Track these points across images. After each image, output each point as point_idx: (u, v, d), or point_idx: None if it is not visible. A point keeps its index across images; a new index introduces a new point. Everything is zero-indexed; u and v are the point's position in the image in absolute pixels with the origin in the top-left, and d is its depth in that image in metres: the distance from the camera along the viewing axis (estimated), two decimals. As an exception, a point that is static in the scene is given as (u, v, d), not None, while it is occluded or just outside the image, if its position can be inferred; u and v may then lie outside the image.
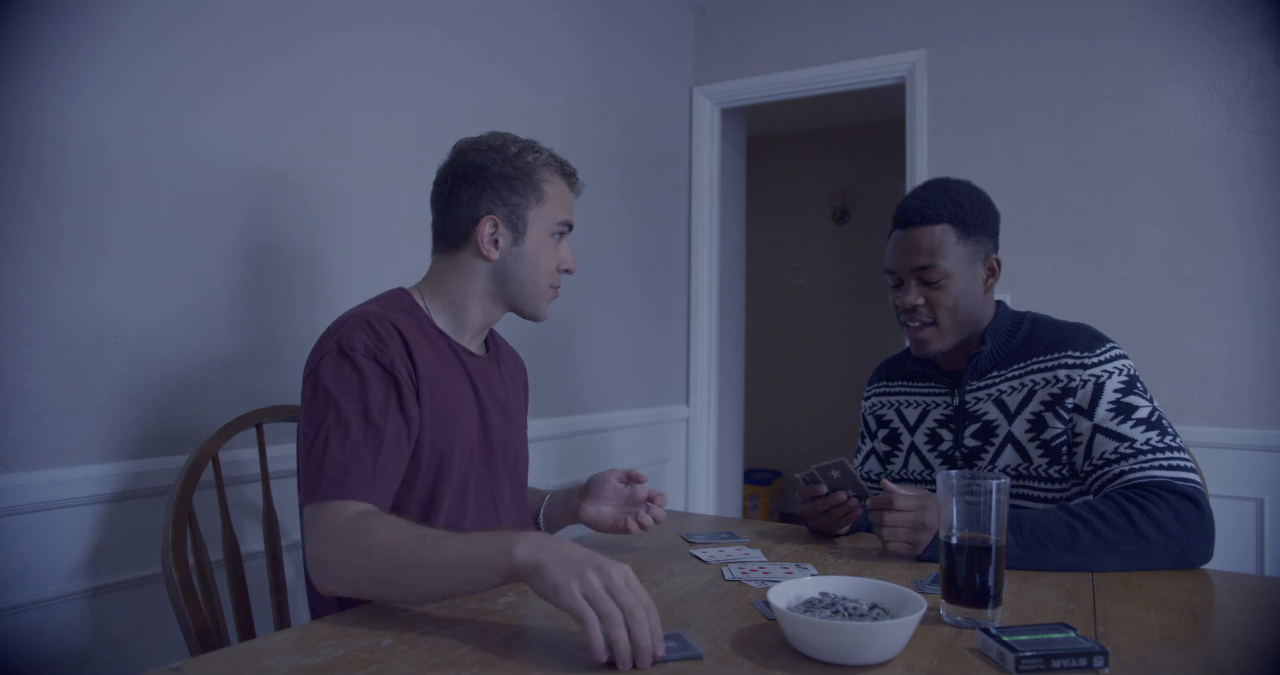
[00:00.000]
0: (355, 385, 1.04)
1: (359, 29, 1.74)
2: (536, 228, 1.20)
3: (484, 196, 1.18)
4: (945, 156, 2.60)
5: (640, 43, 2.79)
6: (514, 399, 1.33)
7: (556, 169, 1.23)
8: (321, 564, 0.94)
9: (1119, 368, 1.26)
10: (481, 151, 1.20)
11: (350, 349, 1.05)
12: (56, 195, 1.25)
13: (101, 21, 1.29)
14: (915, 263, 1.32)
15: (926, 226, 1.32)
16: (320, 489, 0.97)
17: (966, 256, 1.32)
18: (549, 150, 1.24)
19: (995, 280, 1.37)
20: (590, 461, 2.51)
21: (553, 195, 1.21)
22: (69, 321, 1.26)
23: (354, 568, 0.92)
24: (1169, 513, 1.12)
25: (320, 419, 1.02)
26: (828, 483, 1.28)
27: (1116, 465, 1.21)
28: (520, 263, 1.20)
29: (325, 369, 1.05)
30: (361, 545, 0.91)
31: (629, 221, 2.73)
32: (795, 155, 5.04)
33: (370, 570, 0.90)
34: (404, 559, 0.88)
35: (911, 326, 1.35)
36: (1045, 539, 1.12)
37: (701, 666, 0.78)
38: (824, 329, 4.92)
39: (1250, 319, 2.16)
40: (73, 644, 1.26)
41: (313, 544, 0.95)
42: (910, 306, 1.33)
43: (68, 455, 1.26)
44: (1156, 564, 1.13)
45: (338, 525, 0.94)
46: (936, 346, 1.35)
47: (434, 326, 1.19)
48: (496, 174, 1.18)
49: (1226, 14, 2.20)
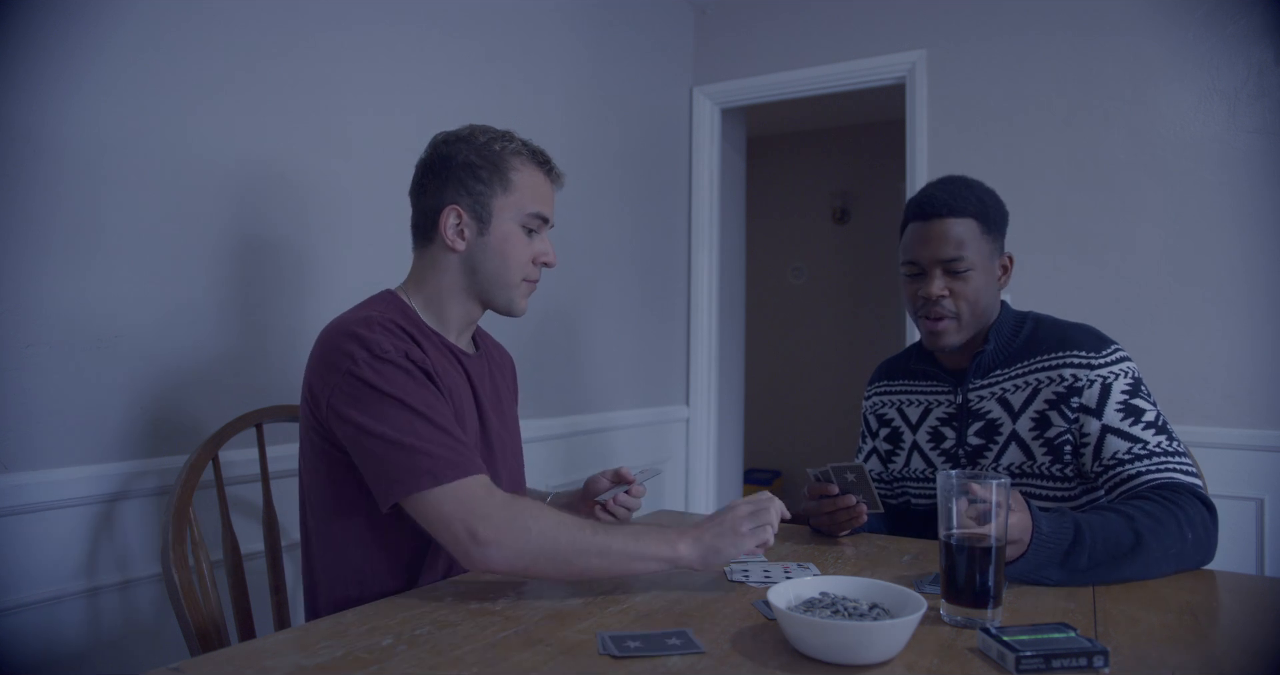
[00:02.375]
0: (408, 383, 1.04)
1: (359, 29, 1.74)
2: (503, 218, 1.17)
3: (449, 186, 1.17)
4: (945, 156, 2.60)
5: (640, 43, 2.79)
6: (505, 396, 1.33)
7: (528, 158, 1.19)
8: (495, 544, 0.96)
9: (1125, 369, 1.27)
10: (451, 143, 1.19)
11: (383, 351, 1.05)
12: (56, 195, 1.25)
13: (101, 22, 1.29)
14: (943, 253, 1.30)
15: (954, 218, 1.30)
16: (442, 473, 0.98)
17: (987, 252, 1.33)
18: (523, 140, 1.20)
19: (1008, 278, 1.38)
20: (590, 461, 2.51)
21: (522, 184, 1.18)
22: (69, 321, 1.26)
23: (530, 549, 0.97)
24: (1197, 515, 1.12)
25: (394, 416, 1.01)
26: (840, 484, 1.27)
27: (1131, 465, 1.21)
28: (486, 254, 1.17)
29: (368, 374, 1.03)
30: (536, 528, 0.97)
31: (629, 221, 2.73)
32: (795, 155, 5.04)
33: (547, 551, 0.97)
34: (582, 544, 0.97)
35: (931, 318, 1.33)
36: (1115, 550, 1.06)
37: (701, 666, 0.78)
38: (824, 329, 4.92)
39: (1250, 319, 2.16)
40: (73, 644, 1.26)
41: (478, 525, 0.96)
42: (935, 297, 1.31)
43: (68, 455, 1.26)
44: (1185, 565, 1.12)
45: (495, 503, 0.98)
46: (952, 340, 1.33)
47: (426, 326, 1.19)
48: (462, 163, 1.16)
49: (1226, 14, 2.20)
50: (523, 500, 1.01)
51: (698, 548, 1.00)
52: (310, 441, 1.12)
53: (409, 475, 0.98)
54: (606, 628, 0.88)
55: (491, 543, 0.96)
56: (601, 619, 0.91)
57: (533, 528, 0.97)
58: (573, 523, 1.00)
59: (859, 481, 1.26)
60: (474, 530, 0.96)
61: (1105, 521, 1.07)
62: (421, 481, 0.98)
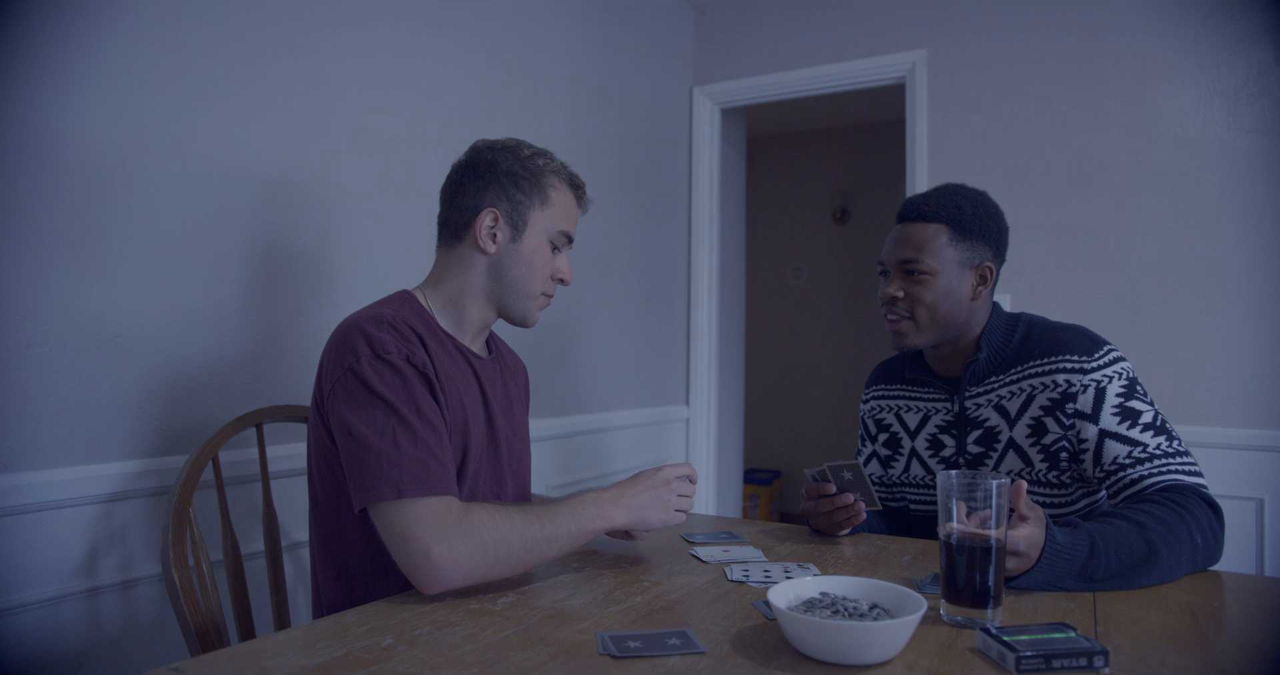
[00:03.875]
0: (402, 387, 1.04)
1: (360, 29, 1.74)
2: (535, 229, 1.21)
3: (490, 190, 1.20)
4: (945, 156, 2.60)
5: (640, 43, 2.79)
6: (516, 401, 1.33)
7: (565, 180, 1.25)
8: (452, 563, 0.96)
9: (1119, 371, 1.26)
10: (496, 150, 1.23)
11: (385, 352, 1.05)
12: (57, 196, 1.25)
13: (102, 22, 1.29)
14: (901, 255, 1.35)
15: (921, 223, 1.35)
16: (407, 487, 0.98)
17: (955, 259, 1.33)
18: (562, 163, 1.26)
19: (986, 288, 1.35)
20: (590, 461, 2.51)
21: (557, 202, 1.23)
22: (69, 321, 1.26)
23: (486, 560, 0.98)
24: (1205, 517, 1.12)
25: (380, 421, 1.02)
26: (838, 483, 1.28)
27: (1133, 469, 1.20)
28: (515, 260, 1.21)
29: (367, 374, 1.04)
30: (490, 537, 0.98)
31: (629, 221, 2.74)
32: (795, 155, 5.04)
33: (502, 557, 0.99)
34: (532, 541, 1.01)
35: (890, 318, 1.38)
36: (1129, 561, 1.05)
37: (702, 666, 0.78)
38: (824, 329, 4.92)
39: (1250, 319, 2.16)
40: (73, 644, 1.26)
41: (433, 544, 0.95)
42: (889, 298, 1.36)
43: (68, 455, 1.26)
44: (1194, 569, 1.11)
45: (452, 522, 0.97)
46: (912, 341, 1.36)
47: (440, 328, 1.19)
48: (505, 171, 1.20)
49: (1226, 14, 2.20)
50: (476, 511, 1.00)
51: (629, 514, 1.10)
52: (317, 434, 1.13)
53: (376, 483, 0.98)
54: (606, 628, 0.88)
55: (448, 564, 0.95)
56: (601, 619, 0.91)
57: (487, 539, 0.98)
58: (520, 519, 1.01)
59: (856, 480, 1.26)
60: (429, 551, 0.95)
61: (1117, 532, 1.05)
62: (385, 492, 0.98)
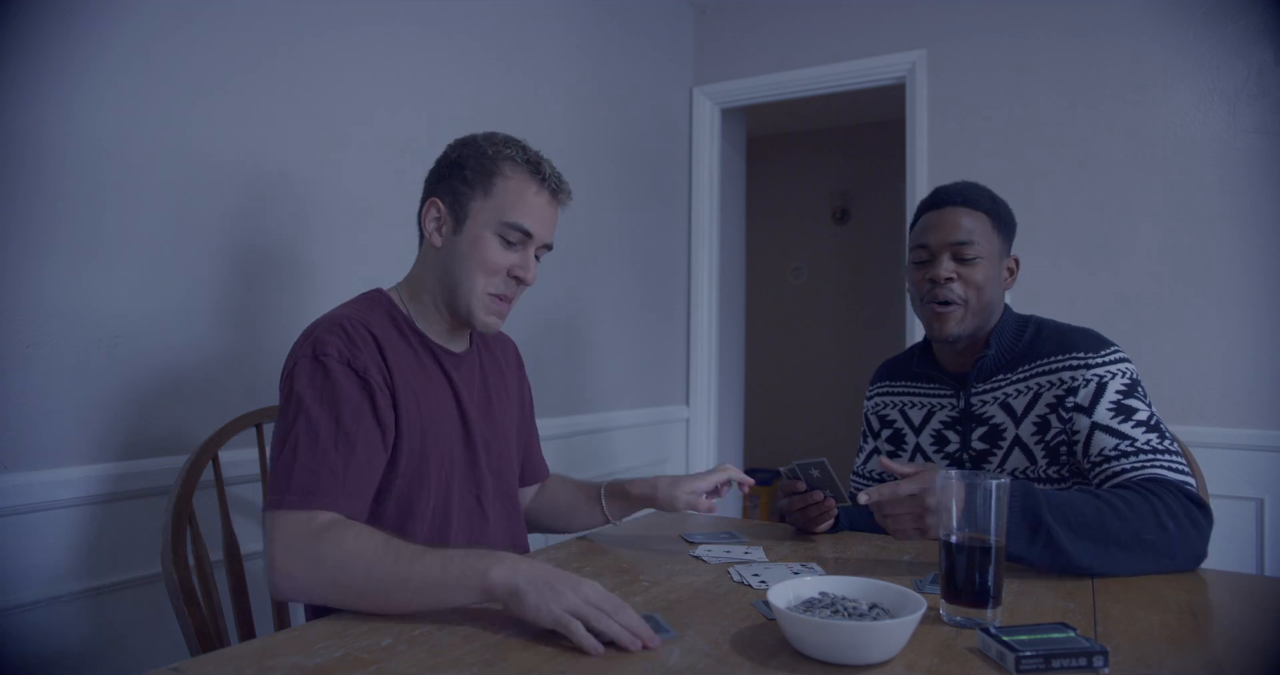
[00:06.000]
0: (329, 391, 1.02)
1: (359, 29, 1.74)
2: (476, 221, 1.14)
3: (440, 183, 1.18)
4: (945, 156, 2.60)
5: (640, 43, 2.79)
6: (499, 396, 1.29)
7: (525, 170, 1.15)
8: (287, 575, 0.92)
9: (1122, 370, 1.27)
10: (456, 145, 1.20)
11: (324, 354, 1.04)
12: (56, 196, 1.25)
13: (101, 22, 1.29)
14: (955, 238, 1.32)
15: (968, 209, 1.34)
16: (287, 497, 0.96)
17: (996, 250, 1.35)
18: (530, 153, 1.17)
19: (1013, 280, 1.41)
20: (590, 461, 2.51)
21: (506, 192, 1.14)
22: (69, 321, 1.26)
23: (323, 580, 0.91)
24: (1180, 508, 1.12)
25: (291, 425, 1.01)
26: (807, 480, 1.29)
27: (1118, 462, 1.21)
28: (453, 254, 1.15)
29: (299, 374, 1.04)
30: (332, 558, 0.91)
31: (629, 221, 2.73)
32: (795, 155, 5.04)
33: (341, 583, 0.90)
34: (378, 574, 0.89)
35: (938, 303, 1.33)
36: (1076, 519, 1.06)
37: (701, 666, 0.78)
38: (824, 329, 4.92)
39: (1250, 319, 2.16)
40: (73, 644, 1.26)
41: (278, 553, 0.93)
42: (943, 279, 1.31)
43: (68, 455, 1.26)
44: (1172, 559, 1.11)
45: (305, 535, 0.93)
46: (956, 328, 1.33)
47: (410, 326, 1.17)
48: (454, 160, 1.17)
49: (1226, 14, 2.20)
50: (337, 532, 0.93)
51: (517, 577, 0.85)
52: None
53: (271, 490, 0.98)
54: (606, 628, 0.88)
55: (284, 573, 0.92)
56: (601, 619, 0.91)
57: (329, 560, 0.91)
58: (383, 551, 0.90)
59: (823, 477, 1.27)
60: (273, 562, 0.93)
61: (1066, 494, 1.11)
62: (271, 500, 0.97)
